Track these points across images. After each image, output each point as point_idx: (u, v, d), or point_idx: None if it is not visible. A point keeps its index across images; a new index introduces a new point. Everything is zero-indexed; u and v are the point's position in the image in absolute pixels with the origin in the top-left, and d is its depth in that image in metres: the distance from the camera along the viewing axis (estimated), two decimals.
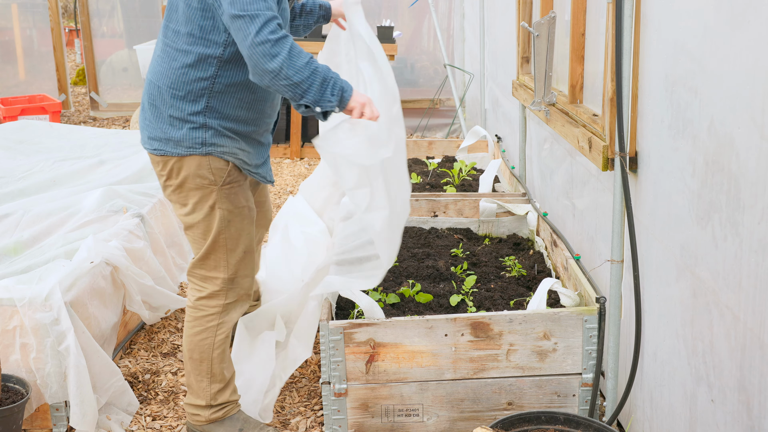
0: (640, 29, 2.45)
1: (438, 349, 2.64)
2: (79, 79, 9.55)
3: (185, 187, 2.57)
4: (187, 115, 2.49)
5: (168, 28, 2.52)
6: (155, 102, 2.54)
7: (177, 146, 2.52)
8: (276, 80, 2.28)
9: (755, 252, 1.78)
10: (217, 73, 2.47)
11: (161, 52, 2.54)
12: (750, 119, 1.77)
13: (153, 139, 2.56)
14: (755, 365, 1.82)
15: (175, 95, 2.49)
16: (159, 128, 2.54)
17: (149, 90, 2.56)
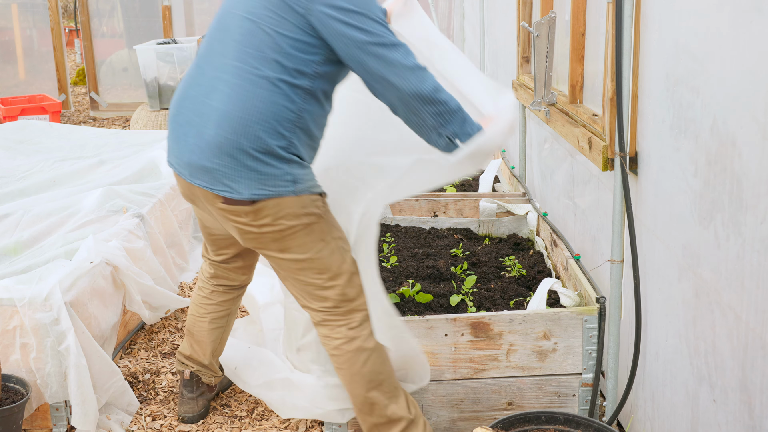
0: (640, 29, 2.44)
1: (438, 349, 2.64)
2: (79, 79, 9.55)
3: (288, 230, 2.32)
4: (276, 149, 2.23)
5: (245, 53, 2.24)
6: (236, 138, 2.22)
7: (274, 186, 2.24)
8: (426, 104, 2.22)
9: (757, 252, 1.78)
10: (303, 106, 2.26)
11: (237, 79, 2.24)
12: (752, 119, 1.77)
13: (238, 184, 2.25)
14: (757, 365, 1.82)
15: (264, 129, 2.22)
16: (246, 168, 2.24)
17: (227, 125, 2.23)
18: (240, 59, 2.24)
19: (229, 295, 2.85)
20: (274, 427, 2.88)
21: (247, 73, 2.23)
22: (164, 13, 7.62)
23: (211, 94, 2.27)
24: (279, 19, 2.21)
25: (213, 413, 2.97)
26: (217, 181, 2.26)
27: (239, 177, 2.23)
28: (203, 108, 2.28)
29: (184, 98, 2.36)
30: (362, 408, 2.49)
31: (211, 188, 2.27)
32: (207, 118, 2.26)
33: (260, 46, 2.22)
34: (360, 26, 2.19)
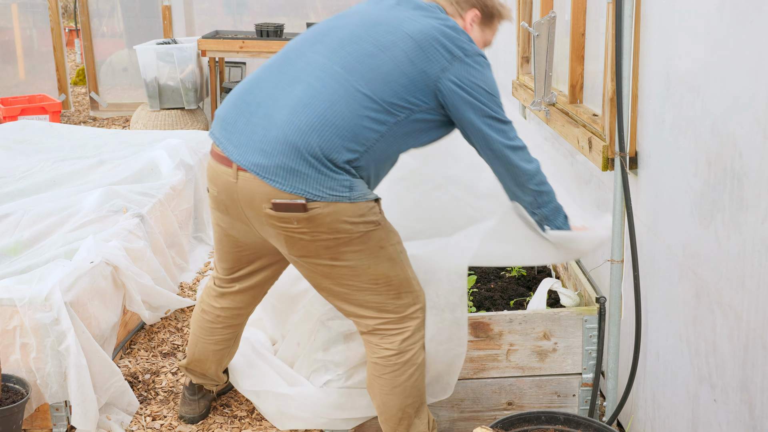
0: (640, 29, 2.44)
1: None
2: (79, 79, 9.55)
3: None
4: (342, 161, 2.16)
5: (354, 66, 2.21)
6: (308, 131, 2.16)
7: (330, 190, 2.17)
8: (528, 182, 2.31)
9: (758, 252, 1.78)
10: (388, 136, 2.22)
11: (332, 81, 2.20)
12: (753, 119, 1.77)
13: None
14: (758, 365, 1.82)
15: (339, 136, 2.16)
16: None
17: (303, 115, 2.17)
18: (345, 67, 2.20)
19: (236, 320, 2.75)
20: (273, 427, 2.88)
21: (347, 83, 2.18)
22: (164, 13, 7.62)
23: (295, 83, 2.21)
24: (407, 61, 2.20)
25: (213, 413, 2.97)
26: (270, 171, 2.15)
27: (295, 170, 2.13)
28: (280, 93, 2.22)
29: (260, 80, 2.29)
30: (389, 419, 2.44)
31: (264, 176, 2.14)
32: (281, 103, 2.19)
33: (375, 68, 2.20)
34: (481, 99, 2.23)
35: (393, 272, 2.31)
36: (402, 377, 2.37)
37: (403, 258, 2.35)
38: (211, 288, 2.73)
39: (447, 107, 2.25)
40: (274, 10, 7.61)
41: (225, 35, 6.79)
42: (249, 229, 2.34)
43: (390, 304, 2.34)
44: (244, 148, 2.20)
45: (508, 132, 2.27)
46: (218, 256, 2.61)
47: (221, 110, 2.34)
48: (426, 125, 2.28)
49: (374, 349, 2.39)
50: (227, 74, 7.18)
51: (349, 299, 2.35)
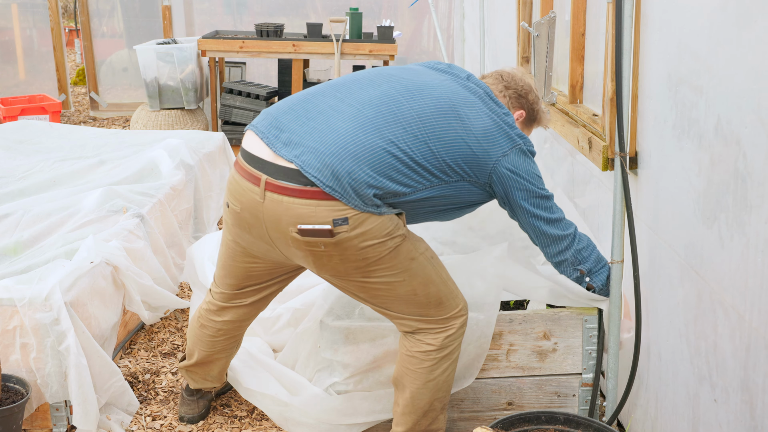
0: (640, 29, 2.44)
1: None
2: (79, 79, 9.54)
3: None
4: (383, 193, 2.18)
5: (423, 117, 2.24)
6: (365, 145, 2.17)
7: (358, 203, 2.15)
8: (569, 246, 2.45)
9: (762, 251, 1.78)
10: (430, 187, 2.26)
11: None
12: (757, 118, 1.77)
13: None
14: (760, 365, 1.82)
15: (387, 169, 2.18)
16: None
17: (369, 129, 2.19)
18: (419, 114, 2.24)
19: (239, 330, 2.73)
20: (274, 427, 2.88)
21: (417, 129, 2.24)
22: (164, 13, 7.61)
23: (363, 105, 2.24)
24: (473, 137, 2.28)
25: (213, 413, 2.97)
26: (315, 168, 2.12)
27: (339, 175, 2.11)
28: (344, 107, 2.24)
29: (323, 93, 2.31)
30: (415, 411, 2.43)
31: (307, 171, 2.11)
32: (344, 115, 2.21)
33: (446, 129, 2.25)
34: (533, 183, 2.36)
35: (429, 281, 2.31)
36: (437, 371, 2.38)
37: (435, 264, 2.35)
38: (210, 303, 2.68)
39: (495, 188, 2.34)
40: (274, 10, 7.61)
41: (225, 35, 6.80)
42: (272, 249, 2.30)
43: (432, 311, 2.35)
44: (293, 146, 2.17)
45: (551, 207, 2.41)
46: (225, 272, 2.55)
47: (273, 109, 2.32)
48: (467, 194, 2.33)
49: (415, 343, 2.38)
50: (227, 74, 7.18)
51: (389, 309, 2.36)
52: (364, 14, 7.23)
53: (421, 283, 2.30)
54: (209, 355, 2.76)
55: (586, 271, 2.48)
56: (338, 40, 6.35)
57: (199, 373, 2.84)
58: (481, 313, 2.55)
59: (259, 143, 2.23)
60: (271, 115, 2.29)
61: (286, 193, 2.15)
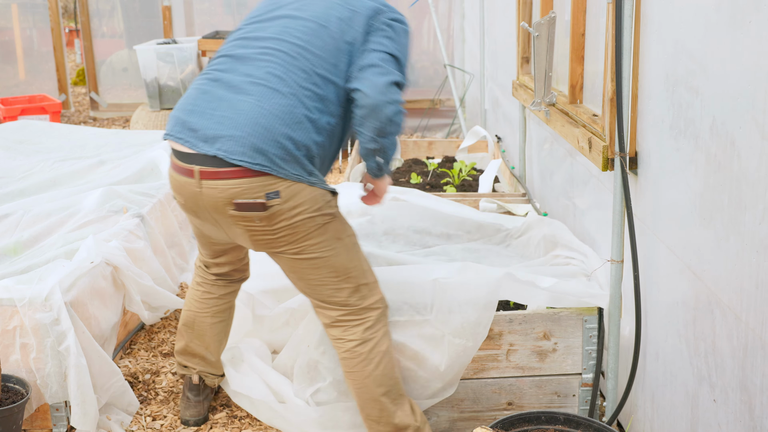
0: (640, 29, 2.45)
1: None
2: (79, 79, 9.55)
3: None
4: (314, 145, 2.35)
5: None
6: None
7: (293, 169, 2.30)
8: (393, 115, 2.34)
9: (757, 252, 1.78)
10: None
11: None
12: (752, 119, 1.77)
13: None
14: (757, 365, 1.82)
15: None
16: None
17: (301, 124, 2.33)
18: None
19: (230, 287, 2.86)
20: (274, 427, 2.88)
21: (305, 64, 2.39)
22: (164, 13, 7.62)
23: (254, 74, 2.36)
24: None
25: (213, 413, 2.98)
26: (238, 153, 2.24)
27: (263, 149, 2.24)
28: (242, 86, 2.36)
29: (215, 80, 2.40)
30: (370, 414, 2.51)
31: (233, 158, 2.23)
32: (245, 92, 2.32)
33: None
34: (395, 39, 2.43)
35: (350, 264, 2.44)
36: (369, 366, 2.47)
37: (358, 250, 2.49)
38: (199, 267, 2.87)
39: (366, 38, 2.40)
40: None
41: (225, 35, 6.79)
42: (219, 230, 2.46)
43: (351, 298, 2.46)
44: (212, 141, 2.28)
45: (398, 71, 2.37)
46: (199, 244, 2.77)
47: (178, 113, 2.41)
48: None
49: (339, 343, 2.50)
50: None
51: (313, 291, 2.48)
52: None
53: (342, 265, 2.42)
54: (204, 320, 2.84)
55: (383, 146, 2.41)
56: None
57: (199, 349, 2.87)
58: (470, 341, 2.58)
59: (181, 147, 2.35)
60: (180, 120, 2.38)
61: (219, 176, 2.27)
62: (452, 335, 2.54)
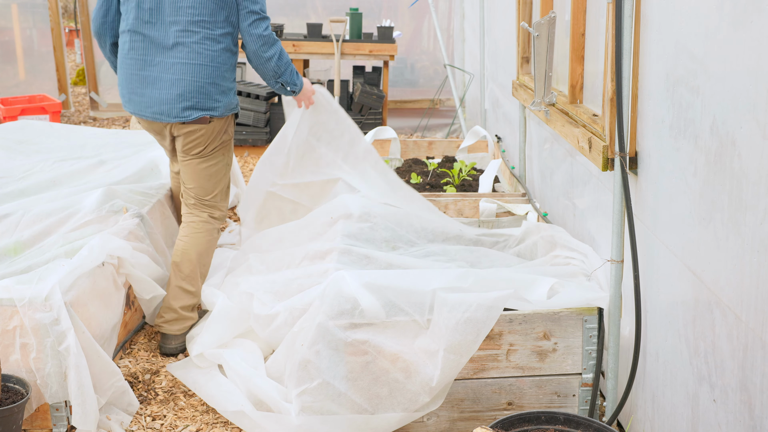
0: (640, 29, 2.45)
1: None
2: (79, 79, 9.55)
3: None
4: (231, 82, 3.46)
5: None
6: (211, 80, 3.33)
7: (224, 110, 3.40)
8: (266, 63, 3.42)
9: (757, 252, 1.78)
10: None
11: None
12: (752, 119, 1.77)
13: (202, 109, 3.33)
14: (757, 365, 1.82)
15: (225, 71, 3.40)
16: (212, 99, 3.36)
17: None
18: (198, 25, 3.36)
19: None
20: None
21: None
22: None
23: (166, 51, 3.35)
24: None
25: (214, 413, 2.97)
26: (177, 116, 3.34)
27: (192, 106, 3.32)
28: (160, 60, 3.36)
29: (143, 59, 3.39)
30: (182, 275, 3.42)
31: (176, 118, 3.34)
32: (164, 72, 3.33)
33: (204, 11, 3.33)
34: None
35: (224, 174, 3.54)
36: (204, 239, 3.49)
37: (230, 167, 3.59)
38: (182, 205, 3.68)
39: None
40: (273, 10, 7.61)
41: None
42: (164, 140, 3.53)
43: (213, 194, 3.52)
44: (160, 114, 3.34)
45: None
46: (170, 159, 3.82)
47: (125, 101, 3.44)
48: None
49: (192, 218, 3.51)
50: None
51: (197, 185, 3.48)
52: (364, 14, 7.23)
53: (220, 173, 3.52)
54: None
55: (284, 82, 3.51)
56: (338, 40, 6.35)
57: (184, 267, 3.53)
58: (463, 357, 2.57)
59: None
60: (131, 103, 3.42)
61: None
62: (447, 351, 2.53)
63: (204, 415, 2.97)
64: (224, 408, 2.86)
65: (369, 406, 2.60)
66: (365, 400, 2.61)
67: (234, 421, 2.85)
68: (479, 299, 2.55)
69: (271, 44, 3.36)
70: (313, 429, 2.62)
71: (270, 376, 2.91)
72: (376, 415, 2.60)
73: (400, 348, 2.59)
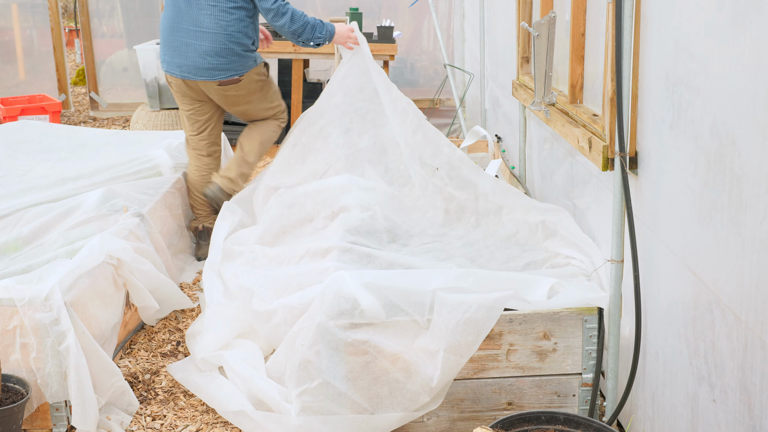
0: (640, 29, 2.45)
1: None
2: (79, 79, 9.55)
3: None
4: (251, 45, 4.12)
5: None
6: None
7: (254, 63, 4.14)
8: (282, 29, 4.04)
9: (757, 252, 1.78)
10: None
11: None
12: (752, 119, 1.77)
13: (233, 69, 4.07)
14: (756, 365, 1.82)
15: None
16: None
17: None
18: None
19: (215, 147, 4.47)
20: None
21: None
22: None
23: (197, 22, 4.04)
24: None
25: (214, 413, 2.98)
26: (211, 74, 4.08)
27: (220, 67, 4.04)
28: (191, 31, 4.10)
29: (172, 29, 4.13)
30: (244, 150, 4.29)
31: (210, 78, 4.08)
32: (200, 39, 4.05)
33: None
34: None
35: (275, 100, 4.37)
36: (269, 130, 4.36)
37: (279, 94, 4.40)
38: (188, 147, 4.38)
39: None
40: None
41: None
42: (201, 101, 4.22)
43: (273, 112, 4.40)
44: (191, 70, 4.07)
45: None
46: (186, 126, 4.35)
47: (163, 56, 4.16)
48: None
49: (266, 122, 4.39)
50: None
51: (256, 113, 4.33)
52: (364, 14, 7.23)
53: (271, 99, 4.34)
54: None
55: (305, 40, 4.07)
56: None
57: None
58: (463, 357, 2.57)
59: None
60: (165, 62, 4.15)
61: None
62: (447, 351, 2.53)
63: (204, 415, 2.97)
64: (225, 408, 2.86)
65: (369, 406, 2.60)
66: (365, 400, 2.61)
67: (234, 422, 2.85)
68: (479, 300, 2.55)
69: (281, 14, 3.93)
70: (314, 429, 2.62)
71: (270, 377, 2.91)
72: (377, 415, 2.60)
73: (400, 348, 2.59)
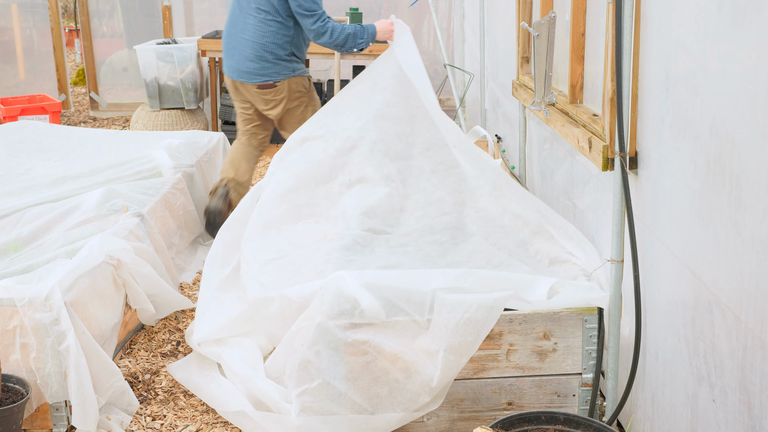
0: (640, 29, 2.45)
1: None
2: (79, 79, 9.54)
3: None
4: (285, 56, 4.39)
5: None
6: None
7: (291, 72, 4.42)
8: (327, 45, 4.34)
9: (757, 252, 1.78)
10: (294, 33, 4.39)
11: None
12: (752, 119, 1.77)
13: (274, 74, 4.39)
14: (756, 365, 1.82)
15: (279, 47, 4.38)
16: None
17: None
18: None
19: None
20: None
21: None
22: (164, 13, 7.61)
23: (243, 29, 4.44)
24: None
25: (214, 413, 2.98)
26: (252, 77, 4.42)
27: (260, 73, 4.38)
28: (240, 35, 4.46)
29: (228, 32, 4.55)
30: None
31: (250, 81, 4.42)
32: (244, 43, 4.42)
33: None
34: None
35: (310, 114, 4.32)
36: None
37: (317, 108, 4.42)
38: (241, 136, 4.70)
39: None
40: None
41: None
42: (247, 103, 4.57)
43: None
44: (236, 72, 4.46)
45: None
46: (238, 122, 4.71)
47: (225, 66, 4.55)
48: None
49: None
50: None
51: (297, 125, 4.28)
52: (364, 14, 7.22)
53: (302, 112, 4.50)
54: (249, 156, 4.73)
55: (351, 47, 4.35)
56: None
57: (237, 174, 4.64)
58: (463, 357, 2.56)
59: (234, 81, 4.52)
60: (226, 66, 4.53)
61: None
62: (447, 351, 2.53)
63: (204, 415, 2.97)
64: (225, 408, 2.86)
65: (369, 406, 2.60)
66: (365, 400, 2.61)
67: (234, 422, 2.85)
68: (479, 300, 2.55)
69: (321, 34, 4.24)
70: (314, 429, 2.62)
71: (269, 377, 2.91)
72: (377, 415, 2.60)
73: (400, 348, 2.59)
